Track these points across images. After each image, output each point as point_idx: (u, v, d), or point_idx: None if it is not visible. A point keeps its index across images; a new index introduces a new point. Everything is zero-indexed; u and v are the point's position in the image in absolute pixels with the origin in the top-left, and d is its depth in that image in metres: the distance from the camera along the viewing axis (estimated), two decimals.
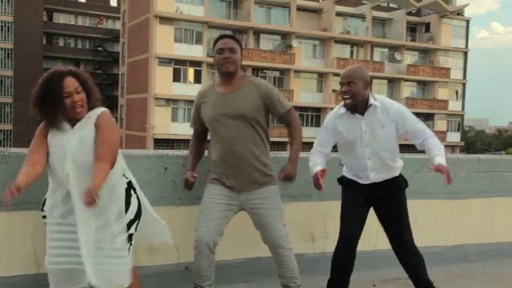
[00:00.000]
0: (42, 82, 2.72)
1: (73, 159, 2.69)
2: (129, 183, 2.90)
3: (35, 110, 2.74)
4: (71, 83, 2.70)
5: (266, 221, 3.35)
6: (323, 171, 3.39)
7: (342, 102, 3.45)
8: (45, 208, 2.85)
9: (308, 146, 3.65)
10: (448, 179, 3.16)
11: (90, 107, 2.80)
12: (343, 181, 3.67)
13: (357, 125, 3.42)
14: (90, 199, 2.46)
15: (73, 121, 2.77)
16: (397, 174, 3.55)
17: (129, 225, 2.83)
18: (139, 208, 2.92)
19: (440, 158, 3.28)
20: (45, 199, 2.87)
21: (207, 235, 3.26)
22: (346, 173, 3.65)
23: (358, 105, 3.38)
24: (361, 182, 3.51)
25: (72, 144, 2.71)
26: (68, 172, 2.69)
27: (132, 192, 2.90)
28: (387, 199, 3.51)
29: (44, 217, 2.87)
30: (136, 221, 2.89)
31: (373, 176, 3.47)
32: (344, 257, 3.48)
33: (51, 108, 2.70)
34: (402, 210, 3.52)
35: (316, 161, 3.53)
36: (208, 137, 3.51)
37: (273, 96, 3.38)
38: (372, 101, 3.39)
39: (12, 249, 3.21)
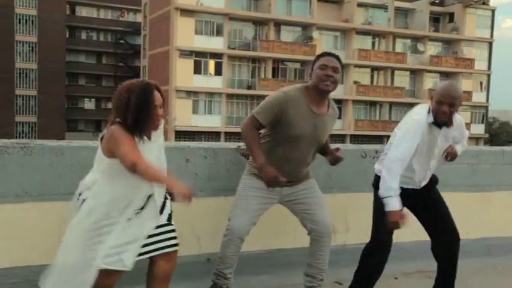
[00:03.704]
0: (136, 91, 2.67)
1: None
2: None
3: (123, 116, 2.67)
4: (158, 97, 2.75)
5: (312, 208, 3.39)
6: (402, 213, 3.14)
7: (428, 107, 3.31)
8: (93, 206, 2.79)
9: (329, 138, 3.62)
10: (447, 155, 3.27)
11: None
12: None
13: (434, 137, 3.35)
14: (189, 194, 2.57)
15: (150, 132, 2.81)
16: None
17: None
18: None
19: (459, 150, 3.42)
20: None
21: (241, 225, 3.29)
22: None
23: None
24: (413, 187, 3.43)
25: (154, 155, 2.79)
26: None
27: None
28: (431, 195, 3.50)
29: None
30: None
31: (423, 183, 3.47)
32: (376, 260, 3.46)
33: (143, 119, 2.68)
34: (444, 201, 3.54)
35: (395, 188, 3.14)
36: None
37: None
38: (455, 118, 3.35)
39: (39, 238, 3.27)
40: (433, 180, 3.57)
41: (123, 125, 2.67)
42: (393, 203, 3.10)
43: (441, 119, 3.25)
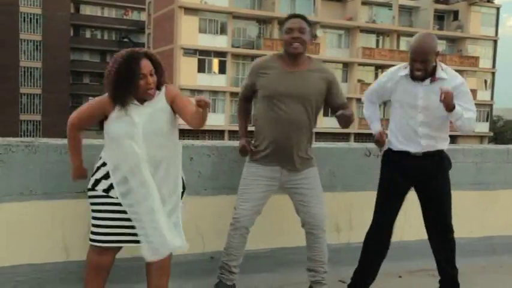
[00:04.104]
0: (120, 61, 2.74)
1: (143, 131, 2.79)
2: None
3: (107, 86, 2.78)
4: (146, 65, 2.78)
5: (307, 200, 3.37)
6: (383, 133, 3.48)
7: (405, 65, 3.43)
8: (98, 188, 2.86)
9: (333, 136, 3.62)
10: (443, 95, 3.14)
11: (158, 89, 2.89)
12: (387, 157, 3.56)
13: (414, 90, 3.35)
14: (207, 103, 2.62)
15: (141, 101, 2.84)
16: (445, 147, 3.48)
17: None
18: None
19: (458, 107, 3.23)
20: (96, 180, 2.88)
21: (247, 214, 3.33)
22: (395, 142, 3.49)
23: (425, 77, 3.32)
24: (412, 150, 3.39)
25: (143, 117, 2.80)
26: (135, 142, 2.78)
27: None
28: (434, 177, 3.42)
29: (92, 197, 2.89)
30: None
31: (424, 142, 3.38)
32: (375, 243, 3.48)
33: (126, 88, 2.74)
34: (448, 191, 3.47)
35: (372, 116, 3.63)
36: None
37: (337, 85, 3.42)
38: (439, 74, 3.32)
39: (43, 237, 3.28)
40: (444, 158, 3.48)
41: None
42: (374, 127, 3.54)
43: (415, 76, 3.29)
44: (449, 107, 3.17)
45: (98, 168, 2.90)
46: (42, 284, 3.29)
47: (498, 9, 49.14)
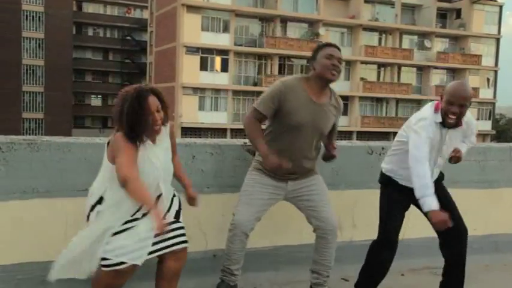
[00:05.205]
0: (129, 99, 2.71)
1: (163, 171, 2.85)
2: None
3: (119, 125, 2.73)
4: (154, 102, 2.75)
5: (317, 205, 3.38)
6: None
7: (434, 106, 3.28)
8: (101, 209, 2.81)
9: (338, 134, 3.62)
10: (451, 158, 3.36)
11: (164, 123, 2.89)
12: (391, 183, 3.51)
13: (441, 137, 3.31)
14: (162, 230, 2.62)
15: (152, 136, 2.83)
16: None
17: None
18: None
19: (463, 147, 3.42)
20: (101, 197, 2.83)
21: (246, 220, 3.30)
22: (404, 181, 3.41)
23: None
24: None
25: (161, 158, 2.84)
26: (159, 183, 2.83)
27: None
28: (438, 193, 3.30)
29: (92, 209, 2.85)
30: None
31: (435, 177, 3.43)
32: (383, 259, 3.46)
33: (138, 126, 2.71)
34: (447, 194, 3.52)
35: (430, 185, 3.11)
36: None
37: (338, 120, 3.49)
38: (464, 119, 3.31)
39: (45, 235, 3.28)
40: (439, 176, 3.54)
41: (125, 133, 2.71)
42: (433, 201, 3.05)
43: (450, 121, 3.20)
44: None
45: (93, 206, 2.83)
46: (45, 282, 3.28)
47: (501, 7, 48.99)
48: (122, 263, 2.75)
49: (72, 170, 3.26)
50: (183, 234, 2.95)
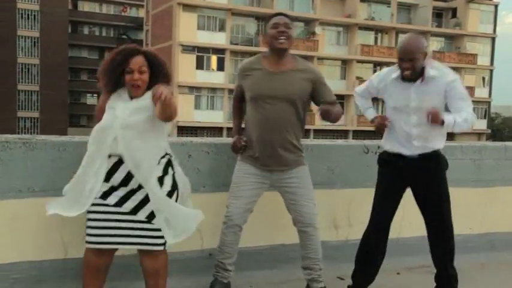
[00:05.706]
0: (113, 52, 2.88)
1: (122, 121, 2.81)
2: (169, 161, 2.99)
3: (101, 77, 2.88)
4: (137, 62, 2.85)
5: (297, 199, 3.37)
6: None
7: (395, 66, 3.39)
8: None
9: (331, 134, 3.63)
10: (428, 114, 3.19)
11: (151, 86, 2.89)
12: (383, 159, 3.55)
13: (406, 91, 3.34)
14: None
15: (131, 93, 2.91)
16: (441, 146, 3.44)
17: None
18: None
19: (448, 116, 3.23)
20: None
21: (238, 212, 3.34)
22: (389, 145, 3.48)
23: (415, 76, 3.31)
24: (407, 153, 3.36)
25: (125, 112, 2.83)
26: (116, 136, 2.80)
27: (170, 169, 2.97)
28: (430, 178, 3.39)
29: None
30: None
31: (417, 144, 3.34)
32: (373, 242, 3.46)
33: (111, 77, 2.86)
34: (445, 192, 3.42)
35: (365, 105, 3.74)
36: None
37: (323, 84, 3.40)
38: (428, 73, 3.30)
39: (41, 234, 3.27)
40: (440, 158, 3.45)
41: None
42: (369, 113, 3.66)
43: (404, 75, 3.29)
44: (438, 124, 3.22)
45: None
46: (40, 281, 3.28)
47: (496, 6, 49.15)
48: None
49: (68, 169, 3.24)
50: (160, 237, 2.87)
